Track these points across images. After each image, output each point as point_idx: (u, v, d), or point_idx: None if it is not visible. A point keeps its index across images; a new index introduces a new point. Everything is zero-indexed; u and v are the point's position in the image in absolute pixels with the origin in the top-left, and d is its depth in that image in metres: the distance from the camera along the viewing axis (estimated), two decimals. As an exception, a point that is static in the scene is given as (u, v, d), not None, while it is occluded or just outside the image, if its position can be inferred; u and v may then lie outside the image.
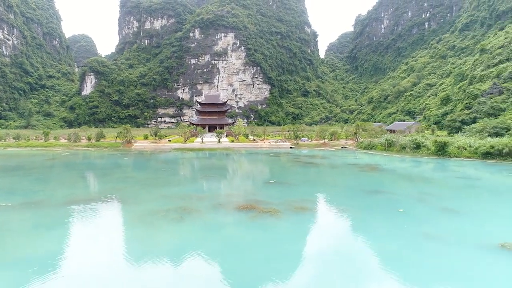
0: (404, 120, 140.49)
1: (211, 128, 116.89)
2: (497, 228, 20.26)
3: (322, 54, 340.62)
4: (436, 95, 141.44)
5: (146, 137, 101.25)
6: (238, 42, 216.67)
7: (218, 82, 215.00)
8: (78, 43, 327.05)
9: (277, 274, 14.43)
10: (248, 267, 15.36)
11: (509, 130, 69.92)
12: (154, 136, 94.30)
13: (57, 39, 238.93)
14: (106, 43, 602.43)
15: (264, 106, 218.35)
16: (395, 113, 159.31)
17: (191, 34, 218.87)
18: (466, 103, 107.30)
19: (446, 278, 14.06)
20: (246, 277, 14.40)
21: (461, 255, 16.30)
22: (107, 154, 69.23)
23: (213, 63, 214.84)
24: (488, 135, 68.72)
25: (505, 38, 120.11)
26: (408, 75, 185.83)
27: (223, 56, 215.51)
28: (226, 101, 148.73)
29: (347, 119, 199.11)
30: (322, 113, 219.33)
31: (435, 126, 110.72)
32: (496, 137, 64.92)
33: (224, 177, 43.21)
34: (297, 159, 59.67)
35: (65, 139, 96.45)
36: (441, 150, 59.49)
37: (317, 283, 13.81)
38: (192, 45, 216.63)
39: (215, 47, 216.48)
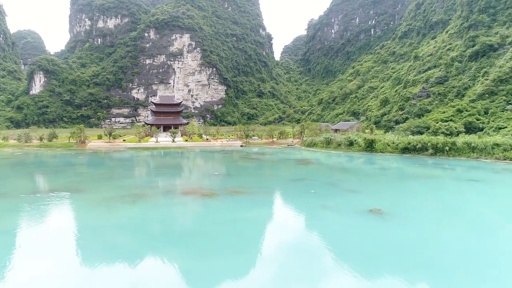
0: (349, 120, 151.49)
1: (166, 128, 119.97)
2: (374, 201, 27.24)
3: (278, 56, 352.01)
4: (377, 97, 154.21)
5: (100, 137, 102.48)
6: (193, 43, 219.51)
7: (174, 83, 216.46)
8: (24, 39, 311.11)
9: (207, 233, 20.03)
10: (185, 231, 20.80)
11: (429, 128, 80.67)
12: (108, 136, 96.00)
13: (1, 35, 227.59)
14: (55, 40, 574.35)
15: (220, 106, 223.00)
16: (342, 113, 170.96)
17: (146, 34, 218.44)
18: (400, 105, 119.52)
19: (328, 231, 20.42)
20: (182, 236, 19.82)
21: (341, 217, 22.82)
22: (61, 154, 70.90)
23: (169, 63, 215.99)
24: (411, 133, 78.86)
25: (434, 47, 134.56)
26: (354, 78, 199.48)
27: (178, 56, 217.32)
28: (181, 102, 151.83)
29: (299, 119, 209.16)
30: (276, 113, 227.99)
31: (374, 125, 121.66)
32: (419, 134, 75.00)
33: (175, 171, 48.03)
34: (244, 156, 65.57)
35: (14, 140, 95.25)
36: (370, 146, 68.16)
37: (240, 236, 19.57)
38: (147, 45, 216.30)
39: (170, 47, 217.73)
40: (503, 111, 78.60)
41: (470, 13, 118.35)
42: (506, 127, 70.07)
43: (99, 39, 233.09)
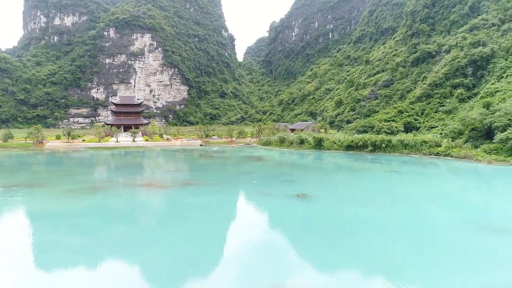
0: (307, 121, 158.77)
1: (127, 128, 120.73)
2: (304, 188, 32.33)
3: (241, 57, 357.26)
4: (332, 98, 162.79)
5: (58, 137, 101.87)
6: (155, 43, 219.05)
7: (135, 83, 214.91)
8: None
9: (157, 214, 24.02)
10: (138, 213, 24.64)
11: (373, 128, 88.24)
12: (67, 136, 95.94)
13: None
14: (5, 36, 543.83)
15: (182, 106, 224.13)
16: (300, 114, 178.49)
17: (106, 33, 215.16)
18: (352, 106, 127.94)
19: (261, 209, 25.04)
20: (136, 217, 23.68)
21: (273, 200, 27.55)
22: (18, 154, 71.04)
23: (130, 63, 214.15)
24: (358, 132, 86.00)
25: (383, 52, 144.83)
26: (313, 80, 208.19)
27: (139, 56, 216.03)
28: (142, 102, 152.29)
29: (260, 119, 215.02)
30: (238, 113, 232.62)
31: (328, 125, 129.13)
32: (364, 133, 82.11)
33: (134, 168, 51.10)
34: (201, 154, 69.39)
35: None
36: (318, 144, 74.30)
37: (187, 215, 23.71)
38: (107, 44, 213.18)
39: (131, 47, 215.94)
40: (436, 112, 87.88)
41: (413, 22, 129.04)
42: (437, 126, 78.78)
43: (55, 37, 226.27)
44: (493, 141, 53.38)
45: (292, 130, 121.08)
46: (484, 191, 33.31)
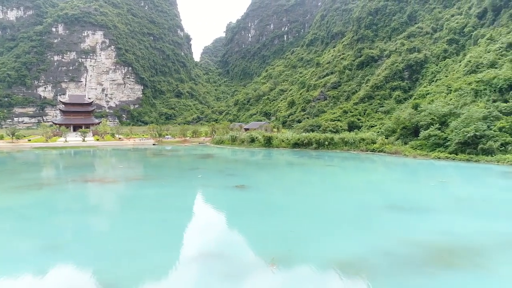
0: (261, 120, 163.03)
1: (76, 128, 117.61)
2: (243, 180, 35.37)
3: (198, 57, 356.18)
4: (286, 99, 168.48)
5: (1, 138, 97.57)
6: (107, 41, 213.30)
7: (86, 81, 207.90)
8: None
9: (103, 205, 25.85)
10: (82, 205, 26.32)
11: (320, 127, 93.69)
12: (11, 136, 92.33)
13: None
14: None
15: (136, 106, 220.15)
16: (255, 114, 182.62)
17: (54, 29, 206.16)
18: (303, 106, 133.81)
19: (203, 198, 27.63)
20: (80, 208, 25.38)
21: (213, 190, 30.24)
22: (-43, 154, 68.02)
23: (80, 61, 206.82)
24: (306, 131, 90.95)
25: (332, 55, 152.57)
26: (267, 81, 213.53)
27: (91, 54, 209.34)
28: (93, 101, 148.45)
29: (216, 119, 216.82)
30: (194, 113, 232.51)
31: (281, 125, 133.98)
32: (312, 132, 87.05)
33: (82, 166, 51.52)
34: (154, 153, 70.47)
35: None
36: (268, 142, 78.07)
37: (131, 206, 25.74)
38: (55, 41, 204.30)
39: (82, 44, 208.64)
40: (376, 112, 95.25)
41: (358, 28, 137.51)
42: (376, 125, 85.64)
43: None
44: (418, 138, 59.84)
45: (247, 129, 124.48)
46: (399, 180, 38.31)
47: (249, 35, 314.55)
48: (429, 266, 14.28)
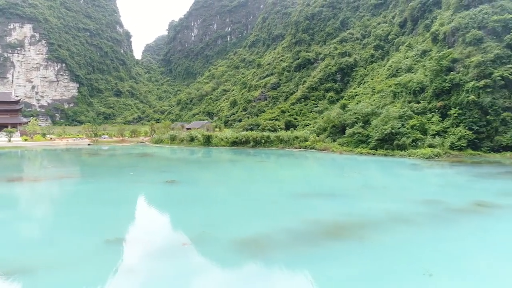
0: (204, 120, 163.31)
1: (1, 128, 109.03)
2: (175, 176, 36.60)
3: (139, 55, 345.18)
4: (228, 99, 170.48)
5: None
6: (37, 35, 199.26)
7: (13, 78, 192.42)
8: None
9: (28, 201, 25.67)
10: (7, 201, 25.94)
11: (259, 126, 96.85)
12: None
13: None
14: None
15: (72, 105, 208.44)
16: (198, 113, 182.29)
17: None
18: (244, 106, 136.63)
19: (136, 193, 28.37)
20: (6, 204, 25.03)
21: (146, 185, 31.10)
22: None
23: (6, 56, 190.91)
24: (245, 130, 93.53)
25: (272, 57, 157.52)
26: (210, 81, 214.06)
27: (19, 49, 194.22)
28: (20, 99, 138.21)
29: (158, 119, 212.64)
30: (135, 113, 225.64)
31: (222, 124, 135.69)
32: (251, 131, 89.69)
33: (7, 166, 48.92)
34: (88, 153, 68.37)
35: None
36: (207, 141, 79.34)
37: (59, 201, 25.79)
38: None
39: (7, 38, 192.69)
40: (310, 112, 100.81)
41: (296, 31, 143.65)
42: (310, 124, 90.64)
43: None
44: (344, 135, 65.03)
45: (189, 129, 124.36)
46: (321, 173, 42.02)
47: (192, 34, 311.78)
48: (321, 239, 16.94)
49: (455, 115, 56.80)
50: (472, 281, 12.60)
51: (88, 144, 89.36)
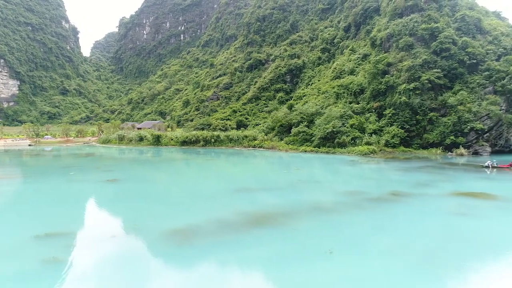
0: (156, 120, 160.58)
1: None
2: (117, 175, 36.68)
3: (87, 51, 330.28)
4: (181, 99, 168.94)
5: None
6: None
7: None
8: None
9: None
10: None
11: (210, 126, 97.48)
12: None
13: None
14: None
15: (12, 104, 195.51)
16: (150, 113, 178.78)
17: None
18: (196, 106, 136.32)
19: (76, 191, 28.17)
20: None
21: (86, 184, 30.95)
22: None
23: None
24: (197, 130, 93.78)
25: (225, 57, 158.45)
26: (163, 80, 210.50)
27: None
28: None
29: (108, 119, 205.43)
30: (83, 112, 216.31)
31: (175, 124, 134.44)
32: (202, 130, 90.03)
33: None
34: (29, 154, 65.33)
35: None
36: (157, 141, 78.74)
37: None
38: None
39: None
40: (261, 112, 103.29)
41: (248, 32, 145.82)
42: (260, 124, 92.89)
43: None
44: (291, 134, 67.80)
45: (140, 129, 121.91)
46: (263, 169, 43.95)
47: (144, 32, 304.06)
48: (246, 227, 18.47)
49: (390, 115, 61.56)
50: (364, 256, 14.70)
51: (29, 145, 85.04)
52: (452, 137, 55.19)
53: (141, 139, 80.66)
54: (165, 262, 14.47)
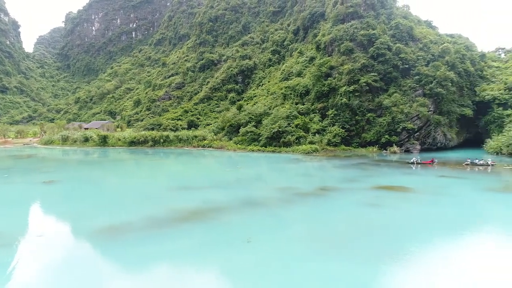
0: (105, 119, 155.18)
1: None
2: (54, 176, 35.95)
3: (30, 47, 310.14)
4: (132, 98, 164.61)
5: None
6: None
7: None
8: None
9: None
10: None
11: (161, 126, 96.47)
12: None
13: None
14: None
15: None
16: (99, 113, 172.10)
17: None
18: (148, 106, 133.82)
19: (10, 193, 27.34)
20: None
21: (19, 186, 30.12)
22: None
23: None
24: (147, 130, 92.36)
25: (177, 57, 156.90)
26: (113, 79, 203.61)
27: None
28: None
29: (53, 119, 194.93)
30: (25, 112, 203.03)
31: (125, 124, 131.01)
32: (152, 130, 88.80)
33: None
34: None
35: None
36: (103, 141, 76.74)
37: None
38: None
39: None
40: (212, 112, 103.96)
41: (201, 32, 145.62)
42: (211, 124, 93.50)
43: None
44: (239, 134, 69.29)
45: (87, 129, 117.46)
46: (207, 168, 44.99)
47: (93, 28, 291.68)
48: (176, 222, 19.48)
49: (332, 115, 65.04)
50: (278, 243, 16.33)
51: (-40, 146, 79.18)
52: (386, 136, 59.58)
53: (86, 139, 78.17)
54: (92, 255, 15.13)
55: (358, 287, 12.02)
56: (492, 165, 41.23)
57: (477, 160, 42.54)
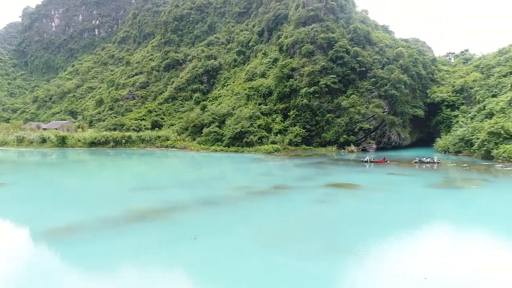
0: (66, 119, 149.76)
1: None
2: (7, 179, 34.92)
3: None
4: (94, 97, 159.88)
5: None
6: None
7: None
8: None
9: None
10: None
11: (124, 126, 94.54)
12: None
13: None
14: None
15: None
16: (59, 112, 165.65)
17: None
18: (111, 105, 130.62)
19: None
20: None
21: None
22: None
23: None
24: (108, 130, 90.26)
25: (141, 56, 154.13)
26: (74, 77, 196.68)
27: None
28: None
29: (8, 119, 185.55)
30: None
31: (87, 124, 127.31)
32: (114, 131, 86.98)
33: None
34: None
35: None
36: (62, 142, 74.56)
37: None
38: None
39: None
40: (177, 112, 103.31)
41: (166, 31, 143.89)
42: (175, 124, 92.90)
43: None
44: (202, 134, 69.61)
45: (45, 129, 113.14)
46: (167, 169, 45.15)
47: (53, 24, 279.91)
48: (128, 222, 19.79)
49: (293, 116, 66.82)
50: (223, 240, 17.16)
51: None
52: (345, 136, 62.09)
53: (43, 140, 75.59)
54: (35, 257, 15.25)
55: (300, 277, 13.02)
56: (438, 162, 44.29)
57: (424, 158, 45.49)
